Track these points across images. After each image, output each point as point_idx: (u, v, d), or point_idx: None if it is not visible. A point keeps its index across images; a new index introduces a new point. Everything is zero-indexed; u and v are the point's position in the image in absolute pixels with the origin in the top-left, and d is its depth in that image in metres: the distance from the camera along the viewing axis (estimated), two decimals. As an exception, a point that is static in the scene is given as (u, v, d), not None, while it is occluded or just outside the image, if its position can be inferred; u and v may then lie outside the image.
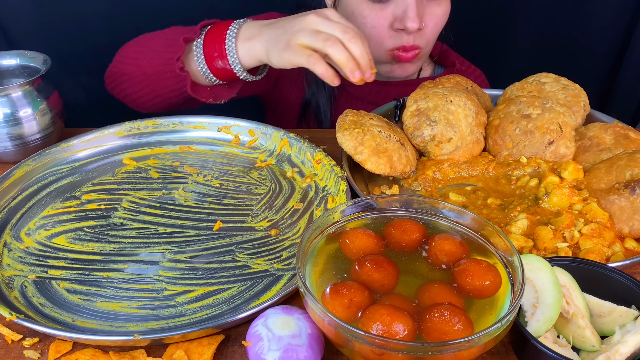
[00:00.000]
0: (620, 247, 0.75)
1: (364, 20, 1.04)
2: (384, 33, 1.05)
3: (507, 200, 0.85)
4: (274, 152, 0.98)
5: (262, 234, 0.82)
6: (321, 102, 1.19)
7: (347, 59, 0.83)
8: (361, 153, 0.86)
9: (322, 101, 1.19)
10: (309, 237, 0.62)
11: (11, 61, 1.01)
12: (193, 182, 0.92)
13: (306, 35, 0.85)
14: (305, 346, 0.59)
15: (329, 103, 1.19)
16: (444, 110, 0.91)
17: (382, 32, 1.05)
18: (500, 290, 0.58)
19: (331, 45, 0.83)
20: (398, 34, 1.04)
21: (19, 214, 0.85)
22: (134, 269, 0.76)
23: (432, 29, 1.07)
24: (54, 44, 1.40)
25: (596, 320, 0.63)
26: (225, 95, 1.02)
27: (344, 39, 0.83)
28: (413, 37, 1.05)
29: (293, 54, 0.86)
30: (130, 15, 1.43)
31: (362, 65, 0.84)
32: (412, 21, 1.00)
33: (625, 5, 1.39)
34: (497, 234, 0.63)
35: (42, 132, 0.96)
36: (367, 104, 1.21)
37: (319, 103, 1.20)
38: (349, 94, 1.22)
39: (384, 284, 0.58)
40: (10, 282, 0.73)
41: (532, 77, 1.03)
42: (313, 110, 1.21)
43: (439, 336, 0.52)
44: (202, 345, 0.64)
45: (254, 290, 0.73)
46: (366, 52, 0.85)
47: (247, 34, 0.94)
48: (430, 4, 1.05)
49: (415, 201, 0.68)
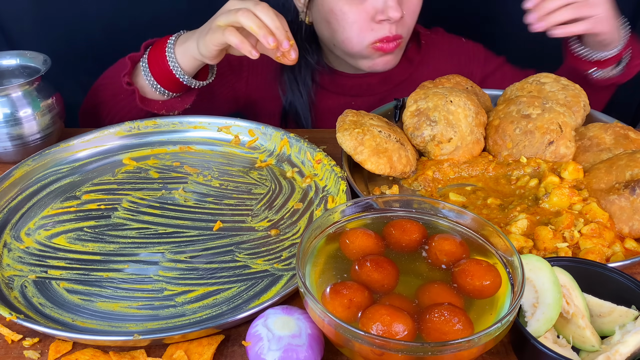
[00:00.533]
0: (620, 247, 0.75)
1: (344, 16, 1.05)
2: (366, 26, 1.05)
3: (507, 200, 0.85)
4: (274, 152, 0.98)
5: (262, 234, 0.82)
6: (299, 108, 1.20)
7: (258, 26, 0.87)
8: (361, 153, 0.86)
9: (300, 107, 1.20)
10: (309, 237, 0.62)
11: (11, 61, 1.01)
12: (193, 182, 0.92)
13: (223, 15, 0.91)
14: (305, 346, 0.59)
15: (307, 107, 1.20)
16: (444, 110, 0.91)
17: (364, 26, 1.05)
18: (500, 290, 0.58)
19: (242, 15, 0.88)
20: (380, 26, 1.04)
21: (19, 214, 0.85)
22: (134, 269, 0.76)
23: (410, 16, 1.08)
24: (54, 44, 1.40)
25: (596, 320, 0.63)
26: (179, 107, 1.06)
27: (255, 10, 0.88)
28: (395, 27, 1.05)
29: (212, 34, 0.92)
30: (130, 16, 1.43)
31: (276, 35, 0.88)
32: (395, 10, 1.01)
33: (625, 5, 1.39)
34: (497, 234, 0.63)
35: (42, 132, 0.96)
36: (350, 97, 1.21)
37: (297, 110, 1.20)
38: (329, 92, 1.22)
39: (384, 284, 0.58)
40: (10, 282, 0.73)
41: (532, 77, 1.03)
42: (293, 118, 1.21)
43: (439, 336, 0.52)
44: (202, 345, 0.64)
45: (254, 290, 0.73)
46: (280, 24, 0.88)
47: (184, 39, 1.00)
48: None
49: (415, 201, 0.68)
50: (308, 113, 1.20)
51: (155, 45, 1.02)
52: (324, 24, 1.08)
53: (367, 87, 1.20)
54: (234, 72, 1.20)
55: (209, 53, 0.95)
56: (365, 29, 1.05)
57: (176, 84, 1.03)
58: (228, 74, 1.19)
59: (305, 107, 1.19)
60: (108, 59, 1.10)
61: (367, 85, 1.20)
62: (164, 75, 1.01)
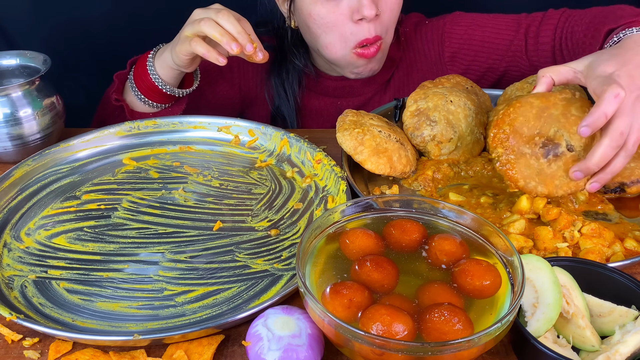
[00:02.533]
0: (620, 247, 0.75)
1: (322, 21, 1.04)
2: (346, 28, 1.04)
3: (498, 198, 0.85)
4: (274, 152, 0.98)
5: (262, 234, 0.82)
6: (286, 112, 1.21)
7: (221, 34, 0.90)
8: (361, 153, 0.86)
9: (287, 112, 1.21)
10: (309, 237, 0.62)
11: (11, 61, 1.01)
12: (193, 182, 0.92)
13: (189, 26, 0.95)
14: (305, 346, 0.59)
15: (294, 111, 1.21)
16: (444, 110, 0.91)
17: (344, 29, 1.04)
18: (500, 290, 0.58)
19: (205, 24, 0.91)
20: (359, 27, 1.04)
21: (19, 214, 0.85)
22: (134, 269, 0.76)
23: (388, 15, 1.06)
24: (54, 44, 1.40)
25: (596, 320, 0.63)
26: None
27: (217, 18, 0.91)
28: (373, 26, 1.04)
29: (181, 45, 0.96)
30: (131, 16, 1.43)
31: (239, 40, 0.91)
32: (369, 8, 1.00)
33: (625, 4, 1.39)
34: (497, 234, 0.63)
35: (42, 132, 0.96)
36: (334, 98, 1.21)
37: (284, 115, 1.21)
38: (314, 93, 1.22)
39: (384, 284, 0.58)
40: (10, 282, 0.73)
41: (532, 77, 1.03)
42: (280, 122, 1.22)
43: (439, 336, 0.52)
44: (202, 345, 0.64)
45: (254, 290, 0.73)
46: (242, 28, 0.91)
47: (161, 51, 1.03)
48: None
49: (415, 201, 0.68)
50: (294, 117, 1.21)
51: (139, 62, 1.06)
52: (306, 29, 1.09)
53: (350, 89, 1.20)
54: (226, 79, 1.21)
55: (182, 62, 0.99)
56: (346, 31, 1.04)
57: (163, 96, 1.06)
58: (220, 82, 1.20)
59: (292, 112, 1.21)
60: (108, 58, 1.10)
61: (350, 88, 1.20)
62: (150, 89, 1.05)
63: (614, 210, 0.84)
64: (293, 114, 1.21)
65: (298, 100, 1.21)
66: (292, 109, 1.20)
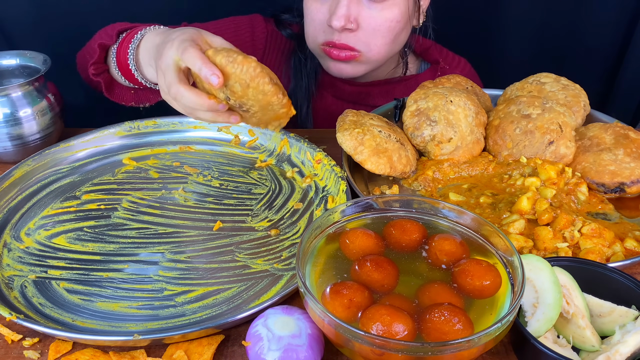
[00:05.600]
0: (620, 247, 0.75)
1: (308, 11, 1.08)
2: (320, 27, 1.06)
3: (498, 198, 0.85)
4: (274, 152, 0.98)
5: (262, 234, 0.82)
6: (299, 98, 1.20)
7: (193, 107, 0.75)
8: (361, 153, 0.86)
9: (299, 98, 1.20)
10: (309, 237, 0.62)
11: (11, 61, 1.01)
12: (193, 182, 0.92)
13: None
14: (305, 346, 0.59)
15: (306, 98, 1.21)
16: (444, 110, 0.91)
17: (318, 27, 1.07)
18: (500, 290, 0.58)
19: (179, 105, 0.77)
20: (331, 30, 1.05)
21: (19, 214, 0.85)
22: (133, 269, 0.76)
23: (370, 32, 1.04)
24: (54, 44, 1.40)
25: (596, 320, 0.63)
26: (151, 99, 1.02)
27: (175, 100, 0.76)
28: (346, 37, 1.04)
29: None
30: (131, 15, 1.42)
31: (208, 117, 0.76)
32: (337, 19, 1.01)
33: (625, 4, 1.39)
34: (497, 234, 0.63)
35: (42, 132, 0.96)
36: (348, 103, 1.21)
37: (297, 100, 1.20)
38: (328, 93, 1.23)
39: (384, 284, 0.58)
40: (10, 282, 0.73)
41: (532, 77, 1.03)
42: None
43: (439, 336, 0.52)
44: (202, 345, 0.64)
45: (254, 290, 0.73)
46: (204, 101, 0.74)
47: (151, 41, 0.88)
48: (372, 6, 1.02)
49: (415, 201, 0.68)
50: (305, 104, 1.20)
51: (125, 37, 0.93)
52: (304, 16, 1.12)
53: (366, 95, 1.20)
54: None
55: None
56: (319, 29, 1.07)
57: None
58: None
59: (304, 98, 1.20)
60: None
61: (367, 94, 1.20)
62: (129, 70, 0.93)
63: (614, 210, 0.84)
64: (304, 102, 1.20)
65: (313, 89, 1.21)
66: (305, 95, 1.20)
